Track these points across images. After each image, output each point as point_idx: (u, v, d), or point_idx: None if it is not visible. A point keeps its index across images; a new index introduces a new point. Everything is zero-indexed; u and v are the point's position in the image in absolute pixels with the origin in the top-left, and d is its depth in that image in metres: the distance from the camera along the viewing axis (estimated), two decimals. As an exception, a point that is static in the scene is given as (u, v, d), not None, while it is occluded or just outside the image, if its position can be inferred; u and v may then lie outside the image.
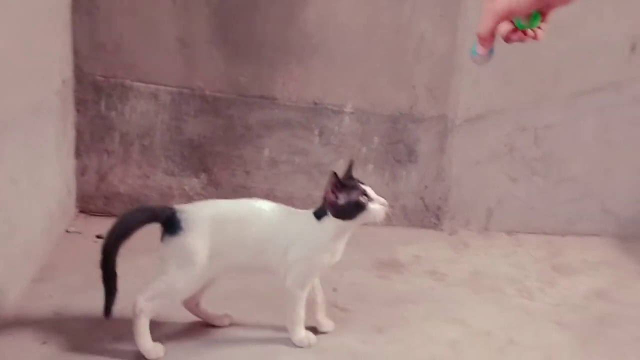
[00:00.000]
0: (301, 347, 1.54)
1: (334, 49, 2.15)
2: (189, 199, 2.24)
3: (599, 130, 2.21)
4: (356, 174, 2.14)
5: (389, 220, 1.47)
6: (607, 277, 2.00)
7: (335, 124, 2.22)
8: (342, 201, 1.44)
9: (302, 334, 1.55)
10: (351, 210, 1.44)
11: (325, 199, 1.47)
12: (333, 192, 1.45)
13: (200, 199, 2.21)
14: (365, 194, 1.45)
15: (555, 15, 0.92)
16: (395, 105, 2.21)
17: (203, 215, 1.49)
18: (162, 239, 1.51)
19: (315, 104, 2.20)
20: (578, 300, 1.86)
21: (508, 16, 0.88)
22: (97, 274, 1.85)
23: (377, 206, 1.44)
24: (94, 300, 1.71)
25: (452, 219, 2.29)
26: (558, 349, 1.61)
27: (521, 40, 0.92)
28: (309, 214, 1.51)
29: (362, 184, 1.48)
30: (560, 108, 2.19)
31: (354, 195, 1.44)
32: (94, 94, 2.14)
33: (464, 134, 2.20)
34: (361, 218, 1.45)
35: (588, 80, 2.17)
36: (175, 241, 1.48)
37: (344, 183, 1.46)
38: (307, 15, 2.11)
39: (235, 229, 1.48)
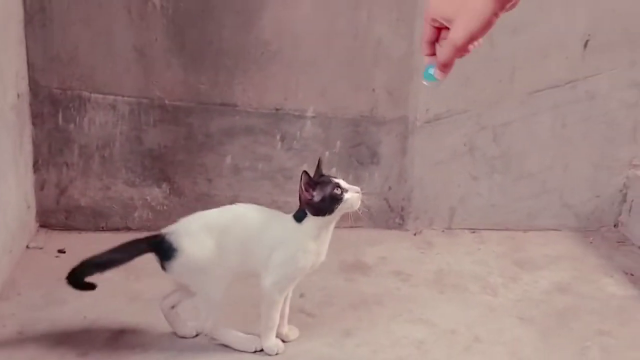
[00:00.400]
0: (269, 354, 1.54)
1: (293, 54, 2.16)
2: (152, 209, 2.23)
3: (555, 127, 2.25)
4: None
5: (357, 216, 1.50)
6: (568, 271, 2.03)
7: (297, 129, 2.23)
8: (317, 198, 1.46)
9: (272, 341, 1.55)
10: (328, 205, 1.46)
11: (301, 199, 1.48)
12: (307, 190, 1.46)
13: (163, 209, 2.22)
14: (338, 186, 1.46)
15: (509, 15, 0.92)
16: (356, 108, 2.23)
17: (191, 228, 1.52)
18: (162, 267, 1.53)
19: (277, 109, 2.20)
20: (540, 294, 1.89)
21: (469, 44, 0.84)
22: (60, 289, 1.83)
23: (352, 195, 1.47)
24: (58, 317, 1.70)
25: (416, 219, 2.31)
26: (521, 344, 1.64)
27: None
28: (289, 217, 1.52)
29: (334, 177, 1.49)
30: (517, 106, 2.22)
31: (328, 190, 1.46)
32: (51, 107, 2.12)
33: (424, 134, 2.23)
34: (339, 210, 1.47)
35: (543, 78, 2.21)
36: (177, 263, 1.50)
37: (316, 180, 1.48)
38: (264, 22, 2.12)
39: (222, 236, 1.50)
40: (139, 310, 1.74)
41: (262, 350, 1.56)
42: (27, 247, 2.07)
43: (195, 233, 1.51)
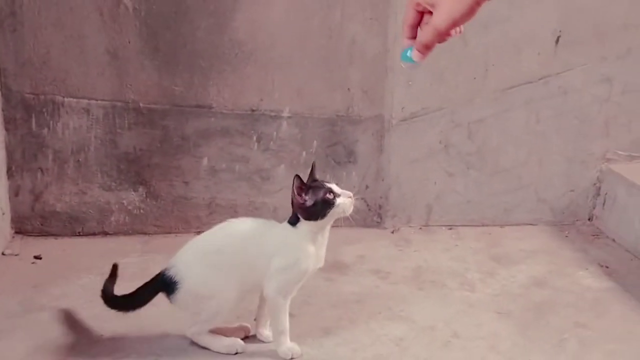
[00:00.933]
0: (285, 358, 1.54)
1: (268, 55, 2.16)
2: (128, 213, 2.21)
3: (529, 123, 2.28)
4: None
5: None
6: (544, 265, 2.06)
7: (274, 129, 2.22)
8: (309, 202, 1.46)
9: (287, 345, 1.54)
10: (320, 209, 1.46)
11: (293, 203, 1.48)
12: (299, 195, 1.46)
13: (139, 213, 2.21)
14: (331, 191, 1.47)
15: (481, 12, 0.92)
16: (332, 108, 2.23)
17: (186, 259, 1.53)
18: (169, 300, 1.55)
19: (252, 110, 2.20)
20: (517, 289, 1.91)
21: (451, 29, 0.84)
22: (37, 295, 1.82)
23: (344, 200, 1.47)
24: (34, 324, 1.69)
25: (393, 216, 2.32)
26: (500, 338, 1.65)
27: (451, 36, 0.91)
28: (284, 224, 1.52)
29: (326, 182, 1.50)
30: (491, 103, 2.24)
31: (320, 195, 1.46)
32: (24, 112, 2.10)
33: (400, 133, 2.24)
34: (332, 214, 1.47)
35: (516, 74, 2.23)
36: (180, 296, 1.52)
37: (309, 185, 1.48)
38: (238, 23, 2.11)
39: (218, 257, 1.50)
40: (117, 314, 1.73)
41: (242, 352, 1.56)
42: (3, 253, 2.05)
43: (191, 262, 1.52)
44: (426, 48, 0.87)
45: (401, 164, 2.27)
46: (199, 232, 2.20)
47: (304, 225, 1.49)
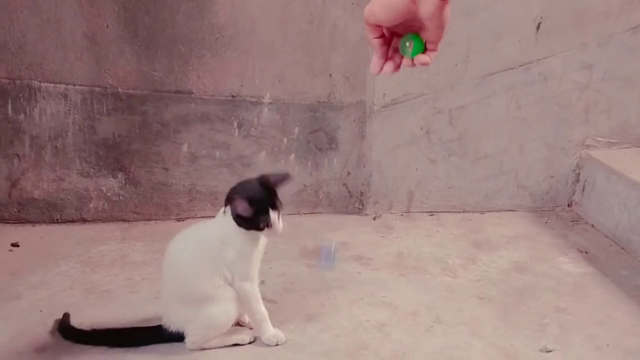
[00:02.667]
0: (269, 345, 1.53)
1: (249, 40, 2.13)
2: (107, 200, 2.19)
3: (510, 109, 2.28)
4: (278, 165, 2.16)
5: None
6: (524, 251, 2.07)
7: (255, 115, 2.21)
8: (246, 214, 1.44)
9: (271, 332, 1.54)
10: (248, 225, 1.45)
11: (231, 202, 1.45)
12: (235, 212, 1.44)
13: (119, 200, 2.19)
14: (266, 221, 1.45)
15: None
16: (313, 94, 2.22)
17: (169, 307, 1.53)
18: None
19: (233, 96, 2.18)
20: (498, 274, 1.92)
21: (370, 23, 0.81)
22: (14, 284, 1.80)
23: (268, 232, 1.46)
24: (11, 311, 1.66)
25: (375, 203, 2.32)
26: (482, 323, 1.66)
27: (410, 66, 0.86)
28: (219, 216, 1.51)
29: (278, 206, 1.47)
30: (473, 89, 2.24)
31: (260, 220, 1.45)
32: (0, 97, 2.05)
33: (382, 119, 2.23)
34: (253, 234, 1.47)
35: (497, 60, 2.23)
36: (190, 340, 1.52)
37: (259, 207, 1.44)
38: (218, 7, 2.09)
39: (183, 277, 1.49)
40: (95, 302, 1.71)
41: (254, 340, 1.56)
42: (-21, 242, 2.02)
43: (175, 308, 1.52)
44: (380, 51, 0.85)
45: (383, 150, 2.27)
46: (179, 219, 2.22)
47: (227, 212, 1.47)
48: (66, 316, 1.58)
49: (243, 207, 1.43)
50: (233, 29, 2.12)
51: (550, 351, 1.54)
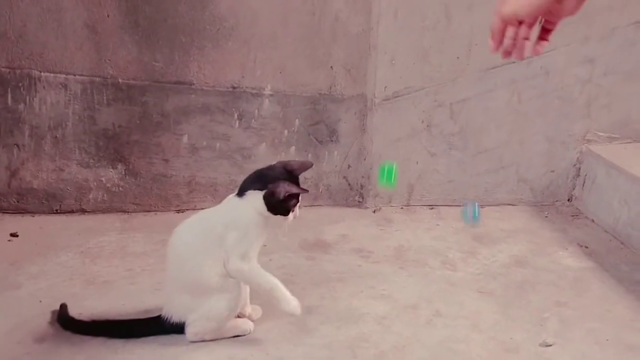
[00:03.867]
0: (297, 313, 1.49)
1: (250, 31, 2.12)
2: (107, 190, 2.18)
3: (511, 103, 2.28)
4: (279, 157, 2.16)
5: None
6: (524, 245, 2.07)
7: (255, 107, 2.20)
8: (281, 197, 1.43)
9: (293, 301, 1.49)
10: (277, 210, 1.45)
11: (272, 186, 1.44)
12: (287, 192, 1.43)
13: (118, 190, 2.18)
14: (295, 205, 1.47)
15: None
16: (314, 86, 2.21)
17: (172, 298, 1.52)
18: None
19: (234, 87, 2.17)
20: (498, 268, 1.92)
21: (512, 20, 0.92)
22: (14, 273, 1.80)
23: (291, 216, 1.48)
24: (10, 301, 1.66)
25: (375, 196, 2.32)
26: (482, 317, 1.66)
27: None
28: (229, 198, 1.51)
29: (300, 192, 1.47)
30: (474, 83, 2.24)
31: (290, 204, 1.45)
32: (-1, 87, 2.05)
33: (383, 112, 2.23)
34: (277, 219, 1.47)
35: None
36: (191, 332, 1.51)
37: (299, 191, 1.45)
38: (220, -2, 2.08)
39: (187, 266, 1.48)
40: (95, 293, 1.71)
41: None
42: (-22, 231, 2.01)
43: (178, 298, 1.51)
44: (492, 34, 0.95)
45: (383, 143, 2.26)
46: (178, 211, 2.21)
47: (252, 198, 1.46)
48: (63, 307, 1.58)
49: (286, 191, 1.42)
50: (234, 19, 2.11)
51: (550, 345, 1.54)
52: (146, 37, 2.08)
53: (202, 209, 1.58)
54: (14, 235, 2.01)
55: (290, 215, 1.47)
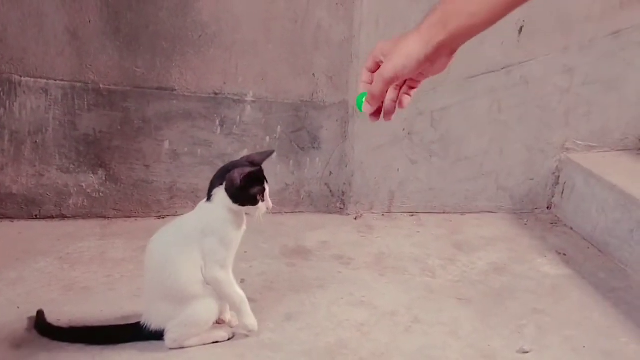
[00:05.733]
0: (254, 330, 1.54)
1: (232, 38, 2.13)
2: (87, 196, 2.17)
3: (492, 111, 2.30)
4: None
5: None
6: (503, 252, 2.08)
7: (237, 113, 2.20)
8: (238, 182, 1.42)
9: (251, 317, 1.54)
10: (242, 198, 1.45)
11: (228, 175, 1.44)
12: (242, 174, 1.43)
13: (98, 196, 2.17)
14: (262, 193, 1.46)
15: None
16: (296, 93, 2.22)
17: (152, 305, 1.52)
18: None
19: (216, 93, 2.17)
20: (477, 275, 1.93)
21: (393, 81, 0.93)
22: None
23: (263, 206, 1.47)
24: (-10, 308, 1.65)
25: (356, 203, 2.32)
26: (460, 324, 1.67)
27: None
28: (199, 205, 1.51)
29: (266, 181, 1.48)
30: (455, 91, 2.25)
31: (254, 190, 1.45)
32: (-21, 91, 2.04)
33: (364, 119, 2.23)
34: (247, 209, 1.47)
35: (479, 63, 2.24)
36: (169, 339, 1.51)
37: (256, 176, 1.45)
38: (202, 4, 2.08)
39: (165, 273, 1.47)
40: (74, 299, 1.70)
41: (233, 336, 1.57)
42: (-44, 236, 2.00)
43: (157, 306, 1.50)
44: (373, 98, 0.96)
45: (365, 150, 2.27)
46: (159, 217, 2.21)
47: (218, 195, 1.46)
48: (40, 313, 1.57)
49: (240, 173, 1.42)
50: (216, 26, 2.11)
51: (527, 352, 1.55)
52: (128, 43, 2.08)
53: (184, 214, 1.58)
54: (-8, 241, 2.00)
55: (262, 204, 1.47)
